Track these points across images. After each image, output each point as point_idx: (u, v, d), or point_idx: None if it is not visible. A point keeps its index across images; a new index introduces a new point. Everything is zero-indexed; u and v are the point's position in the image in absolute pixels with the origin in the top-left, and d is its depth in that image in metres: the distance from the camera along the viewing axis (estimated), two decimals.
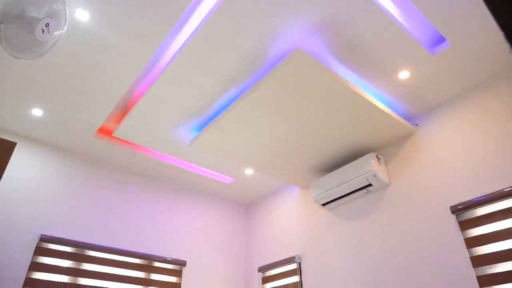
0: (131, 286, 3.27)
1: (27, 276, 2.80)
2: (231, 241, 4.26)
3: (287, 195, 4.11)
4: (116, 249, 3.28)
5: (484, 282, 2.24)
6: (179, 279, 3.60)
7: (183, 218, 3.95)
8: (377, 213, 3.06)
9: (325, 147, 3.13)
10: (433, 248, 2.58)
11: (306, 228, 3.68)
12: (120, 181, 3.67)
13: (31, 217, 3.00)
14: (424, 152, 2.90)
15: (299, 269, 3.54)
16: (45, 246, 2.96)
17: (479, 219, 2.39)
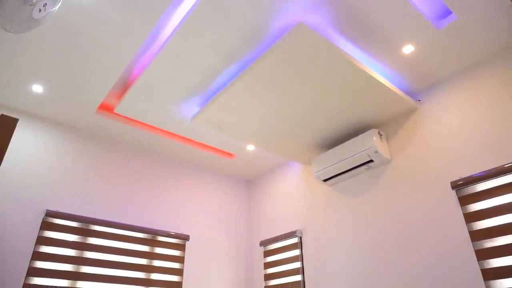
0: (136, 259, 3.35)
1: (34, 249, 2.87)
2: (233, 216, 4.33)
3: (288, 171, 4.14)
4: (121, 224, 3.34)
5: (482, 255, 2.29)
6: (183, 252, 3.69)
7: (186, 194, 4.00)
8: (377, 188, 3.08)
9: (327, 123, 3.12)
10: (432, 223, 2.61)
11: (307, 203, 3.73)
12: (122, 157, 3.69)
13: (35, 193, 3.04)
14: (426, 128, 2.89)
15: (300, 243, 3.61)
16: (50, 221, 3.02)
17: (478, 194, 2.41)
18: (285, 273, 3.64)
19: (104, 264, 3.15)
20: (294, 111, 2.94)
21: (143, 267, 3.36)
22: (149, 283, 3.34)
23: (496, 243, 2.25)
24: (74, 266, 3.00)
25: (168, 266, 3.53)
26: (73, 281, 2.95)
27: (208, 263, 3.86)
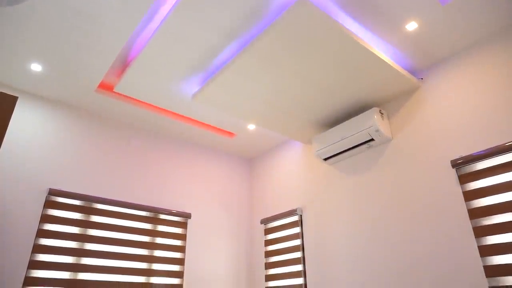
0: (139, 237, 3.41)
1: (39, 227, 2.91)
2: (234, 194, 4.38)
3: (289, 150, 4.15)
4: (123, 202, 3.38)
5: (479, 232, 2.32)
6: (185, 230, 3.75)
7: (187, 173, 4.03)
8: (378, 167, 3.10)
9: (328, 101, 3.11)
10: (432, 201, 2.64)
11: (308, 182, 3.76)
12: (123, 136, 3.70)
13: (37, 172, 3.07)
14: (427, 107, 2.88)
15: (300, 221, 3.66)
16: (54, 200, 3.06)
17: (478, 173, 2.42)
18: (285, 250, 3.71)
19: (108, 241, 3.21)
20: (295, 89, 2.92)
21: (146, 244, 3.43)
22: (152, 260, 3.41)
23: (494, 221, 2.28)
24: (78, 243, 3.06)
25: (170, 243, 3.59)
26: (78, 258, 3.02)
27: (210, 240, 3.93)
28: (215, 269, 3.85)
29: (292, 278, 3.53)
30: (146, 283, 3.30)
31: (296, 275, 3.49)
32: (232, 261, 4.03)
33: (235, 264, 4.04)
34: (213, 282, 3.78)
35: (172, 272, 3.50)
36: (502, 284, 2.15)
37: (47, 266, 2.86)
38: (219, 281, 3.83)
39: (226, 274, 3.91)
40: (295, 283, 3.48)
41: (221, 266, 3.91)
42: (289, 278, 3.56)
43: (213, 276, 3.80)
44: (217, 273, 3.85)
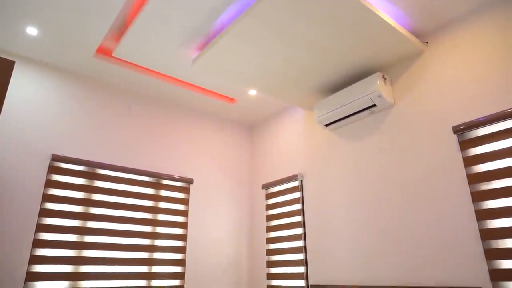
0: (143, 201, 3.48)
1: (44, 192, 2.97)
2: (236, 160, 4.41)
3: (290, 116, 4.14)
4: (126, 168, 3.42)
5: (477, 197, 2.36)
6: (187, 195, 3.82)
7: (189, 139, 4.05)
8: (379, 133, 3.10)
9: (331, 67, 3.05)
10: (431, 167, 2.66)
11: (309, 148, 3.77)
12: (124, 102, 3.68)
13: (39, 138, 3.08)
14: (431, 72, 2.83)
15: (301, 186, 3.72)
16: (57, 165, 3.10)
17: (479, 139, 2.42)
18: (285, 214, 3.79)
19: (112, 206, 3.28)
20: (297, 54, 2.86)
21: (150, 208, 3.50)
22: (156, 223, 3.50)
23: (492, 186, 2.30)
24: (83, 207, 3.13)
25: (173, 207, 3.67)
26: (83, 221, 3.09)
27: (212, 205, 4.01)
28: (217, 232, 3.96)
29: (293, 241, 3.63)
30: (150, 245, 3.40)
31: (296, 238, 3.59)
32: (234, 225, 4.13)
33: (237, 227, 4.15)
34: (215, 244, 3.90)
35: (175, 235, 3.60)
36: (497, 247, 2.21)
37: (54, 229, 2.94)
38: (221, 243, 3.95)
39: (228, 237, 4.03)
40: (295, 246, 3.58)
41: (223, 230, 4.01)
42: (289, 241, 3.67)
43: (215, 239, 3.92)
44: (219, 236, 3.96)
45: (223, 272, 3.87)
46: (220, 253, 3.91)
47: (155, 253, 3.41)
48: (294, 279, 3.50)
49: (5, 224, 2.75)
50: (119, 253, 3.21)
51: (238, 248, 4.08)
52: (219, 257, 3.89)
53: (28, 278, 2.74)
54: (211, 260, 3.82)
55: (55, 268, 2.86)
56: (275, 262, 3.76)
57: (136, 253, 3.30)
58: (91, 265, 3.03)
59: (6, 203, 2.79)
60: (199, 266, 3.71)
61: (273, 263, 3.79)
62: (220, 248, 3.92)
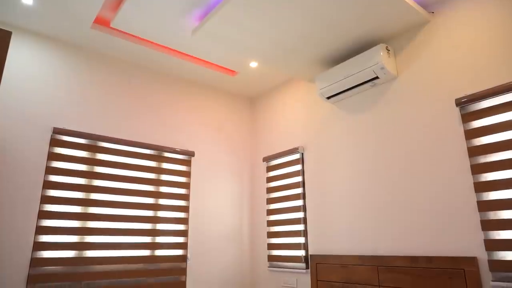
0: (145, 174, 3.51)
1: (47, 165, 2.99)
2: (237, 133, 4.42)
3: (292, 89, 4.11)
4: (127, 140, 3.43)
5: (476, 170, 2.38)
6: (189, 168, 3.85)
7: (189, 112, 4.03)
8: (381, 105, 3.08)
9: (333, 37, 2.99)
10: (432, 140, 2.67)
11: (310, 120, 3.77)
12: (123, 75, 3.64)
13: (40, 111, 3.07)
14: (435, 43, 2.78)
15: (302, 159, 3.74)
16: (58, 138, 3.10)
17: (481, 112, 2.41)
18: (286, 187, 3.84)
19: (115, 178, 3.32)
20: (299, 24, 2.80)
21: (152, 181, 3.54)
22: (159, 195, 3.55)
23: (491, 159, 2.32)
24: (86, 179, 3.16)
25: (175, 180, 3.71)
26: (87, 193, 3.14)
27: (214, 177, 4.05)
28: (219, 204, 4.02)
29: (293, 213, 3.70)
30: (153, 217, 3.47)
31: (297, 210, 3.66)
32: (235, 197, 4.19)
33: (238, 199, 4.21)
34: (217, 216, 3.97)
35: (177, 207, 3.66)
36: (493, 218, 2.25)
37: (58, 201, 2.99)
38: (223, 215, 4.02)
39: (229, 209, 4.10)
40: (296, 217, 3.65)
41: (224, 202, 4.08)
42: (290, 213, 3.73)
43: (217, 210, 3.99)
44: (221, 207, 4.03)
45: (225, 243, 3.96)
46: (222, 224, 3.99)
47: (158, 224, 3.49)
48: (294, 249, 3.59)
49: (11, 196, 2.79)
50: (123, 224, 3.27)
51: (240, 219, 4.16)
52: (221, 228, 3.97)
53: (36, 248, 2.81)
54: (213, 231, 3.90)
55: (61, 238, 2.93)
56: (276, 233, 3.85)
57: (140, 224, 3.37)
58: (95, 235, 3.10)
59: (10, 176, 2.82)
60: (202, 237, 3.80)
61: (273, 233, 3.88)
62: (221, 220, 4.00)
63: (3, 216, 2.74)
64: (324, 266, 3.22)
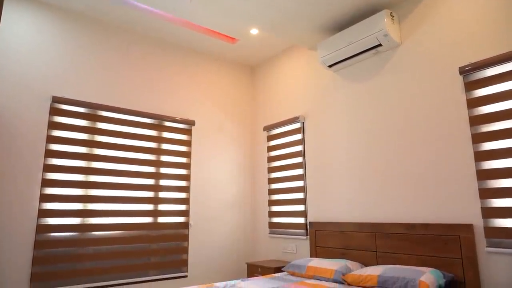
0: (146, 143, 3.52)
1: (48, 133, 3.00)
2: (237, 102, 4.39)
3: (293, 57, 4.03)
4: (128, 109, 3.41)
5: (477, 139, 2.38)
6: (189, 137, 3.85)
7: (190, 80, 3.99)
8: (383, 73, 3.04)
9: (336, 3, 2.90)
10: (434, 109, 2.65)
11: (311, 89, 3.73)
12: (122, 42, 3.56)
13: (38, 79, 3.04)
14: (441, 9, 2.69)
15: (302, 128, 3.74)
16: (58, 107, 3.09)
17: (485, 80, 2.38)
18: (287, 156, 3.86)
19: (116, 147, 3.33)
20: None
21: (153, 150, 3.56)
22: (160, 164, 3.58)
23: (493, 128, 2.31)
24: (87, 148, 3.17)
25: (176, 149, 3.73)
26: (89, 162, 3.16)
27: (214, 146, 4.07)
28: (220, 173, 4.06)
29: (293, 181, 3.74)
30: (155, 185, 3.51)
31: (297, 178, 3.69)
32: (236, 166, 4.23)
33: (239, 168, 4.25)
34: (218, 184, 4.02)
35: (179, 176, 3.70)
36: (491, 186, 2.27)
37: (60, 170, 3.01)
38: (224, 183, 4.07)
39: (230, 177, 4.14)
40: (296, 186, 3.70)
41: (225, 170, 4.11)
42: (290, 181, 3.78)
43: (218, 179, 4.03)
44: (222, 176, 4.07)
45: (227, 210, 4.04)
46: (224, 192, 4.05)
47: (160, 192, 3.54)
48: (294, 216, 3.67)
49: (14, 165, 2.81)
50: (126, 192, 3.32)
51: (241, 188, 4.22)
52: (222, 196, 4.03)
53: (41, 215, 2.87)
54: (215, 199, 3.97)
55: (65, 206, 2.99)
56: (276, 201, 3.91)
57: (142, 192, 3.42)
58: (98, 203, 3.16)
59: (12, 145, 2.83)
60: (203, 204, 3.86)
61: (274, 202, 3.94)
62: (223, 188, 4.05)
63: (8, 184, 2.77)
64: (323, 233, 3.30)
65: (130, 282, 3.20)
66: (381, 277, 2.37)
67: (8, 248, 2.70)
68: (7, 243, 2.71)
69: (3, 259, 2.68)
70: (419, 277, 2.22)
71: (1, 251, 2.68)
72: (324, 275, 2.71)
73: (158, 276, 3.38)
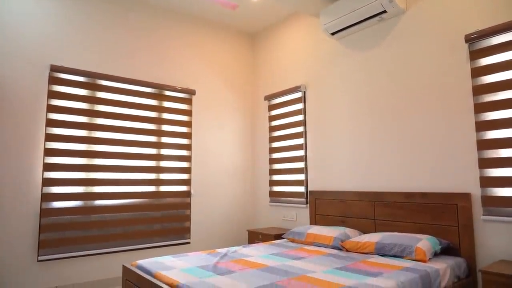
0: (146, 112, 3.51)
1: (48, 103, 2.98)
2: (238, 70, 4.33)
3: (294, 25, 3.93)
4: (127, 78, 3.38)
5: (479, 109, 2.37)
6: (190, 106, 3.83)
7: (189, 48, 3.91)
8: (387, 41, 2.98)
9: None
10: (438, 77, 2.62)
11: (313, 58, 3.67)
12: (120, 9, 3.46)
13: (36, 48, 2.98)
14: None
15: (304, 98, 3.71)
16: (57, 76, 3.05)
17: (490, 48, 2.34)
18: (288, 125, 3.86)
19: (117, 117, 3.32)
20: None
21: (154, 119, 3.55)
22: (161, 134, 3.58)
23: (496, 97, 2.29)
24: (88, 118, 3.17)
25: (177, 118, 3.72)
26: (90, 132, 3.17)
27: (215, 116, 4.06)
28: (221, 142, 4.08)
29: (294, 151, 3.76)
30: (156, 155, 3.54)
31: (298, 148, 3.71)
32: (237, 135, 4.23)
33: (240, 137, 4.26)
34: (219, 153, 4.05)
35: (180, 145, 3.72)
36: (490, 156, 2.29)
37: (62, 139, 3.02)
38: (225, 153, 4.10)
39: (231, 147, 4.16)
40: (297, 155, 3.72)
41: (226, 140, 4.13)
42: (291, 151, 3.80)
43: (219, 148, 4.05)
44: (222, 146, 4.09)
45: (228, 179, 4.09)
46: (225, 161, 4.08)
47: (161, 161, 3.57)
48: (294, 185, 3.72)
49: (15, 134, 2.82)
50: (128, 162, 3.35)
51: (242, 157, 4.25)
52: (223, 165, 4.07)
53: (45, 184, 2.91)
54: (216, 168, 4.00)
55: (68, 175, 3.02)
56: (277, 170, 3.95)
57: (144, 162, 3.45)
58: (101, 172, 3.19)
59: (13, 114, 2.82)
60: (205, 173, 3.91)
61: (275, 171, 3.98)
62: (224, 157, 4.08)
63: (11, 153, 2.79)
64: (322, 201, 3.36)
65: (135, 248, 3.30)
66: (378, 243, 2.44)
67: (15, 216, 2.77)
68: (14, 211, 2.77)
69: (12, 227, 2.74)
70: (415, 244, 2.28)
71: (9, 219, 2.74)
72: (324, 241, 2.78)
73: (162, 242, 3.47)
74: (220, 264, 2.22)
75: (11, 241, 2.74)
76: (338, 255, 2.45)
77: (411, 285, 1.84)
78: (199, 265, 2.18)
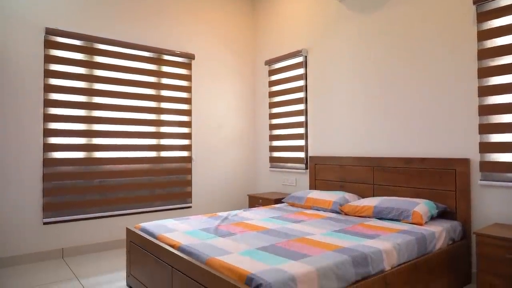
0: (145, 77, 3.46)
1: (45, 67, 2.93)
2: (238, 34, 4.23)
3: None
4: (125, 42, 3.30)
5: (483, 73, 2.33)
6: (189, 71, 3.77)
7: (188, 12, 3.79)
8: (393, 3, 2.88)
9: None
10: (443, 41, 2.56)
11: (315, 21, 3.56)
12: None
13: (30, 10, 2.88)
14: None
15: (305, 62, 3.64)
16: (53, 39, 2.98)
17: (498, 10, 2.27)
18: (288, 91, 3.82)
19: (115, 82, 3.28)
20: None
21: (153, 84, 3.51)
22: (160, 99, 3.55)
23: (501, 62, 2.25)
24: (87, 83, 3.13)
25: (176, 83, 3.67)
26: (89, 97, 3.14)
27: (215, 81, 4.01)
28: (221, 108, 4.06)
29: (294, 116, 3.75)
30: (156, 120, 3.53)
31: (298, 114, 3.70)
32: (237, 101, 4.20)
33: (240, 103, 4.23)
34: (219, 119, 4.04)
35: (180, 111, 3.69)
36: (491, 122, 2.28)
37: (61, 105, 3.00)
38: (225, 118, 4.08)
39: (231, 112, 4.14)
40: (297, 121, 3.71)
41: (226, 105, 4.10)
42: (291, 116, 3.78)
43: (219, 113, 4.04)
44: (223, 111, 4.07)
45: (228, 145, 4.11)
46: (225, 127, 4.08)
47: (162, 127, 3.56)
48: (294, 151, 3.74)
49: (15, 101, 2.79)
50: (128, 127, 3.34)
51: (242, 123, 4.24)
52: (223, 131, 4.07)
53: (46, 149, 2.92)
54: (216, 134, 4.01)
55: (69, 140, 3.03)
56: (277, 136, 3.96)
57: (144, 127, 3.44)
58: (102, 137, 3.20)
59: (10, 79, 2.78)
60: (205, 139, 3.91)
61: (275, 136, 3.99)
62: (224, 123, 4.07)
63: (11, 120, 2.78)
64: (322, 167, 3.39)
65: (137, 212, 3.37)
66: (376, 207, 2.49)
67: (19, 180, 2.80)
68: (18, 175, 2.80)
69: (16, 192, 2.79)
70: (413, 208, 2.33)
71: (13, 184, 2.78)
72: (323, 205, 2.84)
73: (164, 206, 3.54)
74: (221, 226, 2.27)
75: (17, 204, 2.79)
76: (336, 219, 2.51)
77: (407, 246, 1.90)
78: (201, 228, 2.23)
